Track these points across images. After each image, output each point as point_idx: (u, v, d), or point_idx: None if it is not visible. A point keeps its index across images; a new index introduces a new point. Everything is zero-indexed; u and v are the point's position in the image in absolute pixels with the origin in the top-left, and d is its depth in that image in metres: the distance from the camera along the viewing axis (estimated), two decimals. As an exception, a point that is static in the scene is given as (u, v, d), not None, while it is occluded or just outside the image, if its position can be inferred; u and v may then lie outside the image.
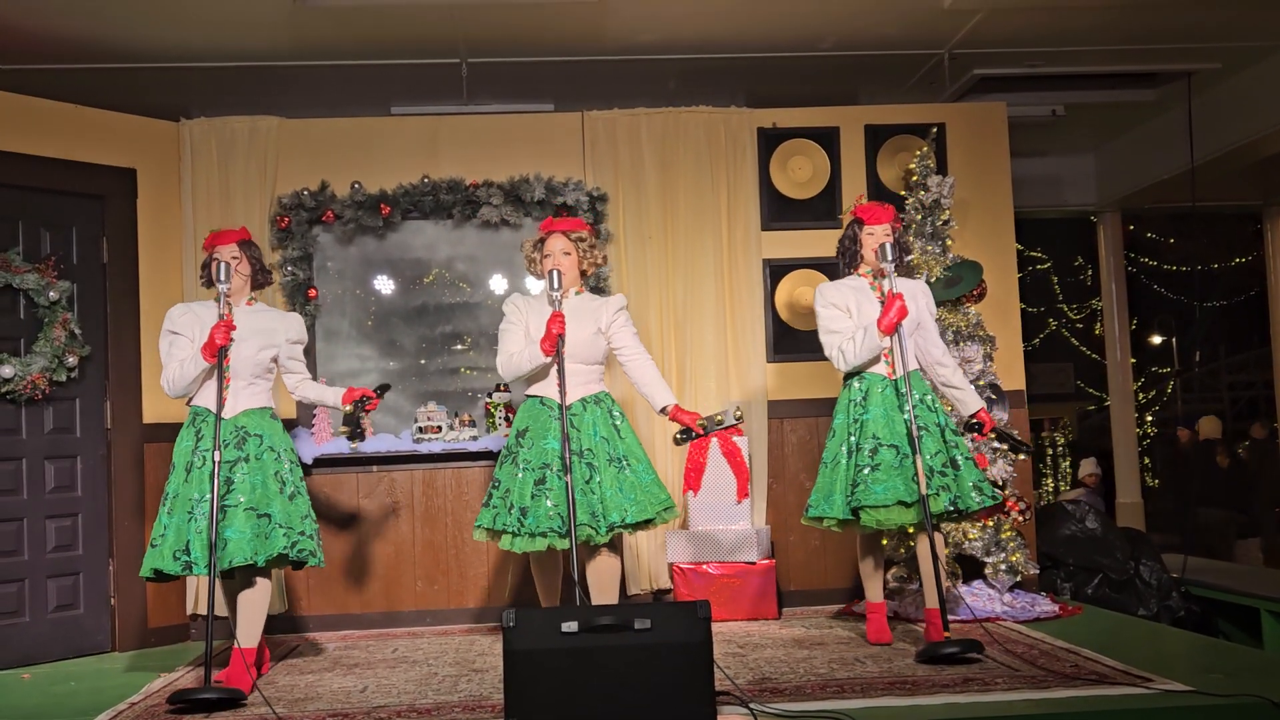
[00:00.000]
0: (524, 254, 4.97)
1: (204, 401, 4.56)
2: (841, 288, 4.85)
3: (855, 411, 4.73)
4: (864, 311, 4.75)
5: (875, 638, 4.92)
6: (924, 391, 4.75)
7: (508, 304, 4.89)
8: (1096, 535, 6.82)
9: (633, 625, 3.55)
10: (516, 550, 4.65)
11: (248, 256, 4.70)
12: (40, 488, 5.49)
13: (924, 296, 4.87)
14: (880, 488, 4.54)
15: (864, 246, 4.83)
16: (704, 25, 5.92)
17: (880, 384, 4.72)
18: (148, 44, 5.81)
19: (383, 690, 4.40)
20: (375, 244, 6.30)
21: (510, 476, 4.72)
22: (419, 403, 6.21)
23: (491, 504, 4.75)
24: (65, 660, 5.44)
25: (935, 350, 4.86)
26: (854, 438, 4.69)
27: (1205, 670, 4.12)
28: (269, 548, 4.41)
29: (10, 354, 5.38)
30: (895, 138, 6.44)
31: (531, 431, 4.72)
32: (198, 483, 4.42)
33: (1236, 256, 14.07)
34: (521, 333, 4.79)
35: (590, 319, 4.80)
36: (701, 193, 6.31)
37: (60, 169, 5.62)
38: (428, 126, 6.35)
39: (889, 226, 4.80)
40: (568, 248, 4.81)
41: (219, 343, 4.39)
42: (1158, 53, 6.67)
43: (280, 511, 4.47)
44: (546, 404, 4.73)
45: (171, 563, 4.35)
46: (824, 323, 4.80)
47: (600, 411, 4.76)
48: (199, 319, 4.60)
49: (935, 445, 4.63)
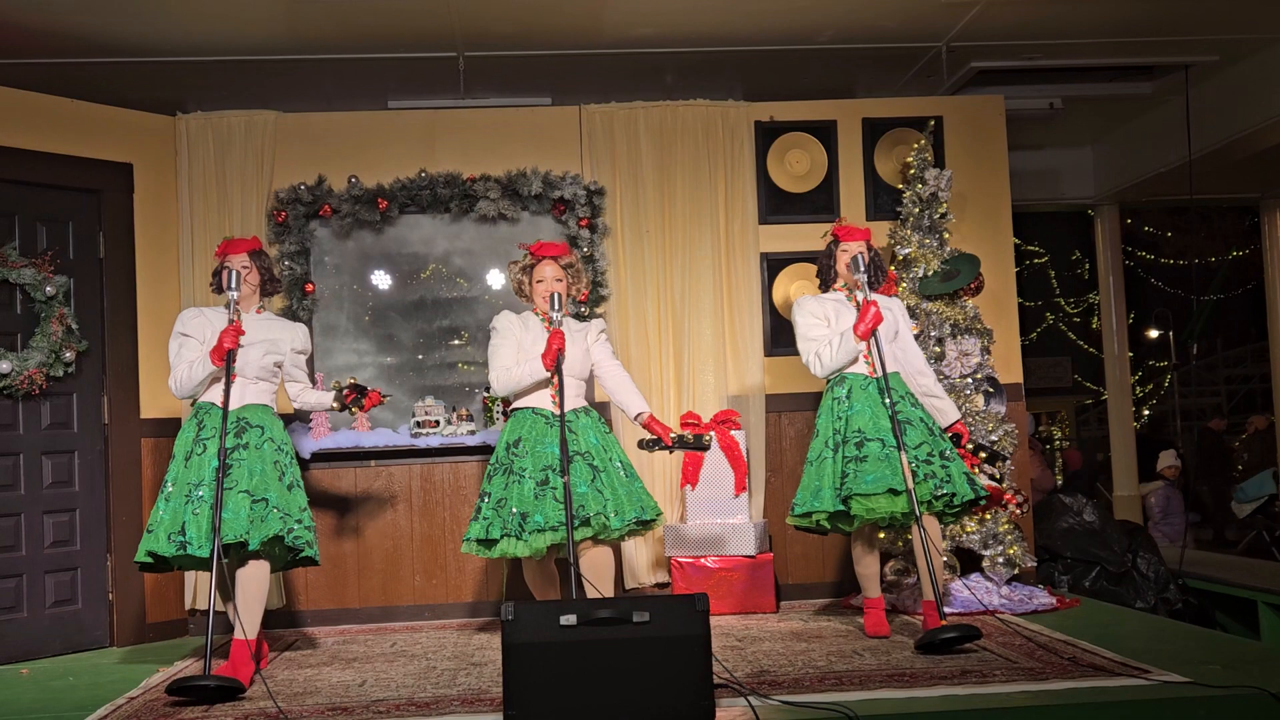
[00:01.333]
0: (511, 275, 5.07)
1: (208, 398, 4.64)
2: (822, 300, 5.03)
3: (840, 409, 4.82)
4: (842, 321, 4.92)
5: (873, 631, 4.95)
6: (905, 391, 4.86)
7: (499, 320, 4.97)
8: (1094, 528, 6.83)
9: (631, 618, 3.56)
10: (521, 554, 4.69)
11: (258, 266, 4.80)
12: (38, 483, 5.48)
13: (900, 311, 5.05)
14: (870, 476, 4.60)
15: (839, 263, 5.00)
16: (701, 18, 5.91)
17: (862, 382, 4.83)
18: (144, 38, 5.80)
19: (381, 684, 4.40)
20: (372, 238, 6.30)
21: (503, 487, 4.75)
22: (416, 397, 6.20)
23: (482, 516, 4.79)
24: (63, 655, 5.44)
25: (916, 360, 5.01)
26: (839, 434, 4.77)
27: (1202, 662, 4.12)
28: (264, 530, 4.44)
29: (7, 349, 5.38)
30: (893, 131, 6.44)
31: (526, 441, 4.78)
32: (196, 469, 4.49)
33: (1234, 250, 14.09)
34: (514, 348, 4.88)
35: (579, 337, 4.98)
36: (699, 186, 6.31)
37: (57, 164, 5.61)
38: (425, 120, 6.35)
39: (864, 244, 4.97)
40: (559, 274, 4.96)
41: (227, 347, 4.49)
42: (1155, 45, 6.67)
43: (278, 497, 4.52)
44: (540, 414, 4.83)
45: (166, 544, 4.40)
46: (802, 330, 4.95)
47: (591, 420, 4.91)
48: (210, 323, 4.70)
49: (920, 436, 4.71)
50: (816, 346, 4.89)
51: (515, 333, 4.91)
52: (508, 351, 4.89)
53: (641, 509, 4.80)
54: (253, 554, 4.50)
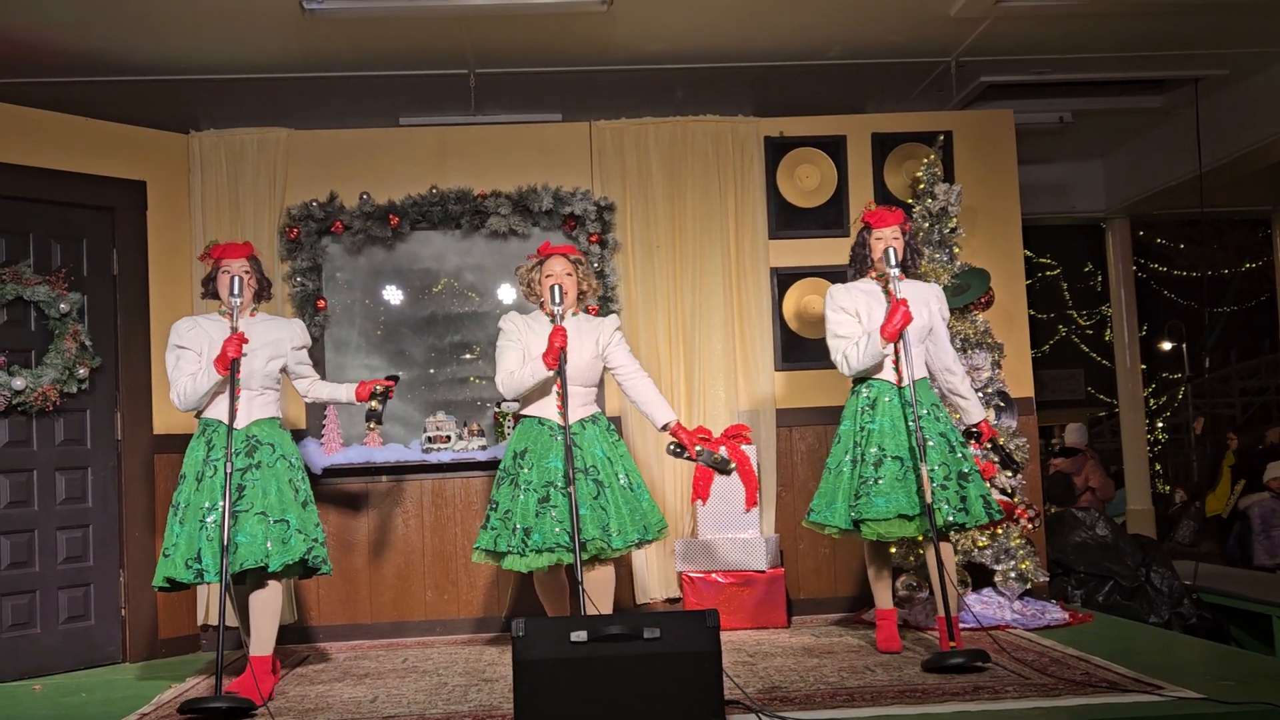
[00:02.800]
0: (520, 278, 5.00)
1: (214, 413, 4.60)
2: (853, 291, 4.84)
3: (863, 419, 4.73)
4: (874, 315, 4.73)
5: (885, 646, 4.91)
6: (931, 401, 4.74)
7: (505, 321, 4.90)
8: (1107, 542, 6.80)
9: (642, 634, 3.56)
10: (521, 570, 4.69)
11: (255, 272, 4.76)
12: (51, 499, 5.50)
13: (937, 301, 4.85)
14: (881, 500, 4.55)
15: (872, 251, 4.80)
16: (711, 35, 5.93)
17: (888, 392, 4.71)
18: (157, 57, 5.84)
19: (393, 700, 4.40)
20: (384, 254, 6.32)
21: (510, 498, 4.74)
22: (428, 412, 6.22)
23: (490, 525, 4.78)
24: (76, 671, 5.45)
25: (946, 356, 4.87)
26: (859, 446, 4.69)
27: (1217, 678, 4.10)
28: (289, 553, 4.43)
29: (21, 366, 5.41)
30: (902, 146, 6.44)
31: (532, 452, 4.75)
32: (209, 491, 4.46)
33: (1246, 262, 14.04)
34: (520, 351, 4.82)
35: (589, 339, 4.87)
36: (709, 201, 6.32)
37: (71, 181, 5.64)
38: (436, 137, 6.37)
39: (897, 229, 4.76)
40: (568, 269, 4.86)
41: (231, 355, 4.44)
42: (1165, 59, 6.67)
43: (297, 518, 4.51)
44: (546, 424, 4.78)
45: (184, 570, 4.40)
46: (831, 326, 4.82)
47: (598, 430, 4.85)
48: (206, 334, 4.64)
49: (940, 457, 4.62)
50: (844, 346, 4.74)
51: (521, 334, 4.83)
52: (513, 355, 4.82)
53: (644, 529, 4.76)
54: (271, 575, 4.50)
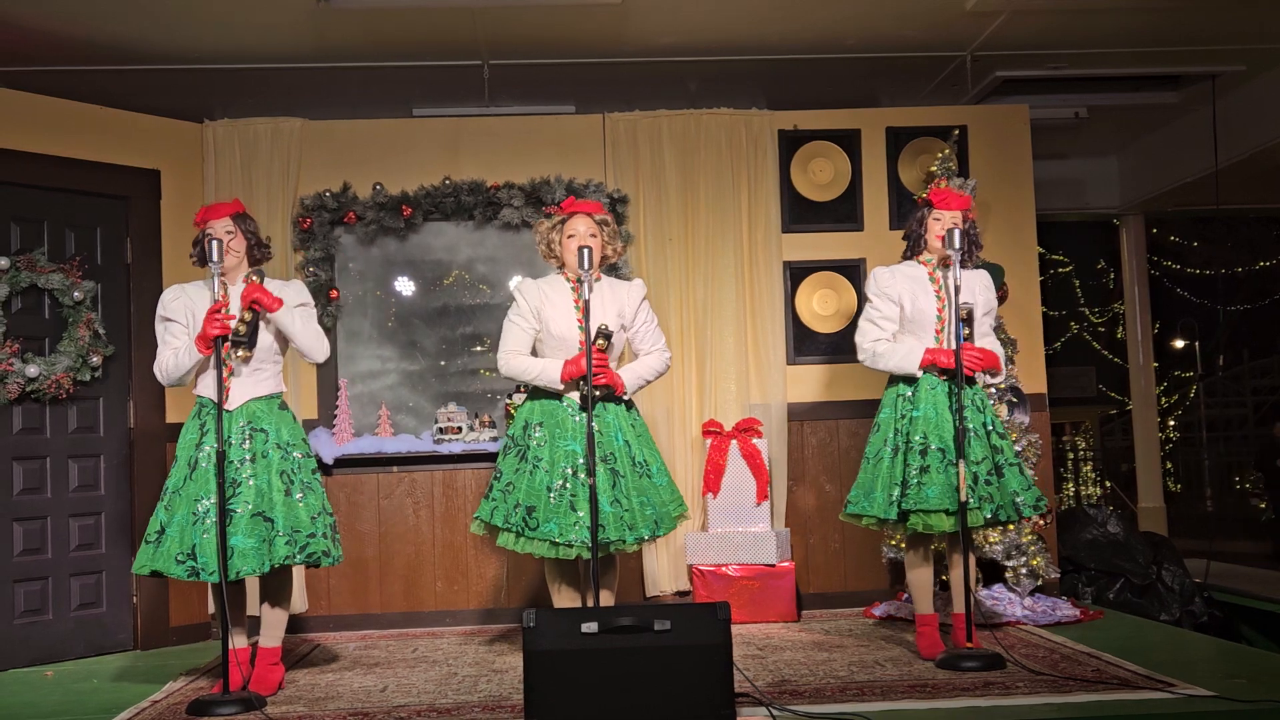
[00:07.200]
0: (539, 236, 4.69)
1: (208, 391, 4.28)
2: (898, 275, 4.62)
3: (904, 407, 4.53)
4: (917, 304, 4.54)
5: (928, 653, 4.59)
6: (974, 391, 4.55)
7: (517, 291, 4.60)
8: (1118, 540, 6.78)
9: (653, 627, 3.56)
10: (518, 550, 4.50)
11: (242, 231, 4.35)
12: (64, 487, 5.52)
13: (985, 292, 4.65)
14: (933, 490, 4.37)
15: (929, 232, 4.59)
16: (724, 27, 5.92)
17: (931, 381, 4.51)
18: (171, 46, 5.85)
19: (403, 690, 4.42)
20: (396, 245, 6.33)
21: (514, 470, 4.51)
22: (439, 403, 6.22)
23: (491, 496, 4.54)
24: (87, 658, 5.48)
25: (984, 343, 4.59)
26: (901, 435, 4.52)
27: (1228, 676, 4.09)
28: (274, 555, 4.16)
29: (35, 353, 5.42)
30: (917, 140, 6.43)
31: (546, 427, 4.51)
32: (203, 482, 4.17)
33: (1260, 260, 13.96)
34: (528, 331, 4.56)
35: (613, 307, 4.59)
36: (722, 195, 6.31)
37: (85, 170, 5.66)
38: (449, 128, 6.38)
39: (960, 214, 4.55)
40: (593, 229, 4.57)
41: (211, 334, 4.08)
42: (1181, 55, 6.63)
43: (283, 516, 4.19)
44: (565, 400, 4.53)
45: (175, 566, 4.11)
46: (868, 311, 4.63)
47: (620, 409, 4.57)
48: (192, 302, 4.31)
49: (982, 451, 4.45)
50: (878, 341, 4.55)
51: (536, 306, 4.54)
52: (519, 333, 4.56)
53: (655, 523, 4.51)
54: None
